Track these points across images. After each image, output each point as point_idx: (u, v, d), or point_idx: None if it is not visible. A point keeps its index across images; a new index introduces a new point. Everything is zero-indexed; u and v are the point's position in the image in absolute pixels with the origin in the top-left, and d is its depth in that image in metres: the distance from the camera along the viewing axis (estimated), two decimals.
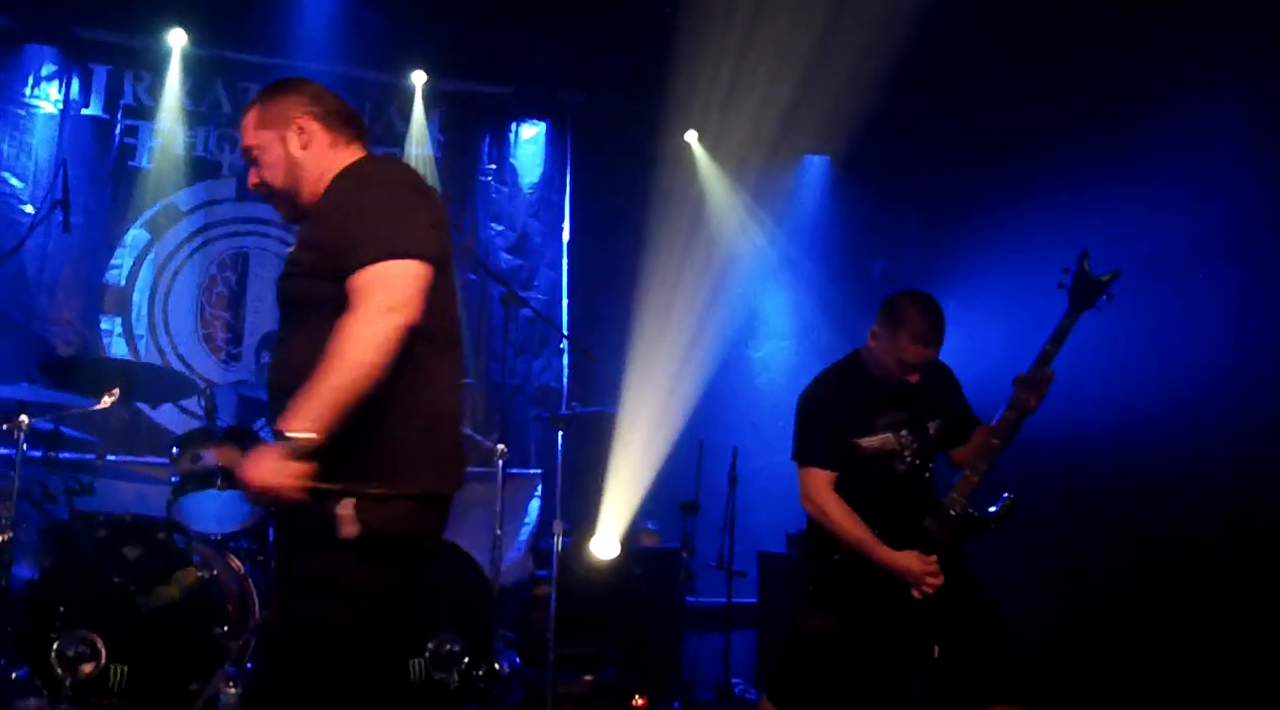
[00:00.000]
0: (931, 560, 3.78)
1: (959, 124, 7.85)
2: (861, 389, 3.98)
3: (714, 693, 6.30)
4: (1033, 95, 7.15)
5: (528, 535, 7.27)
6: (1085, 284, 3.74)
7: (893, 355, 3.85)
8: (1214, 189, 6.04)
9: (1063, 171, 6.80)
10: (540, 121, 8.19)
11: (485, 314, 7.86)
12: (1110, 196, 6.46)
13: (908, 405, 3.97)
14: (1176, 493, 6.04)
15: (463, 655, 4.99)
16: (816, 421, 3.98)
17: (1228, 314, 5.85)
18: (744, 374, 8.44)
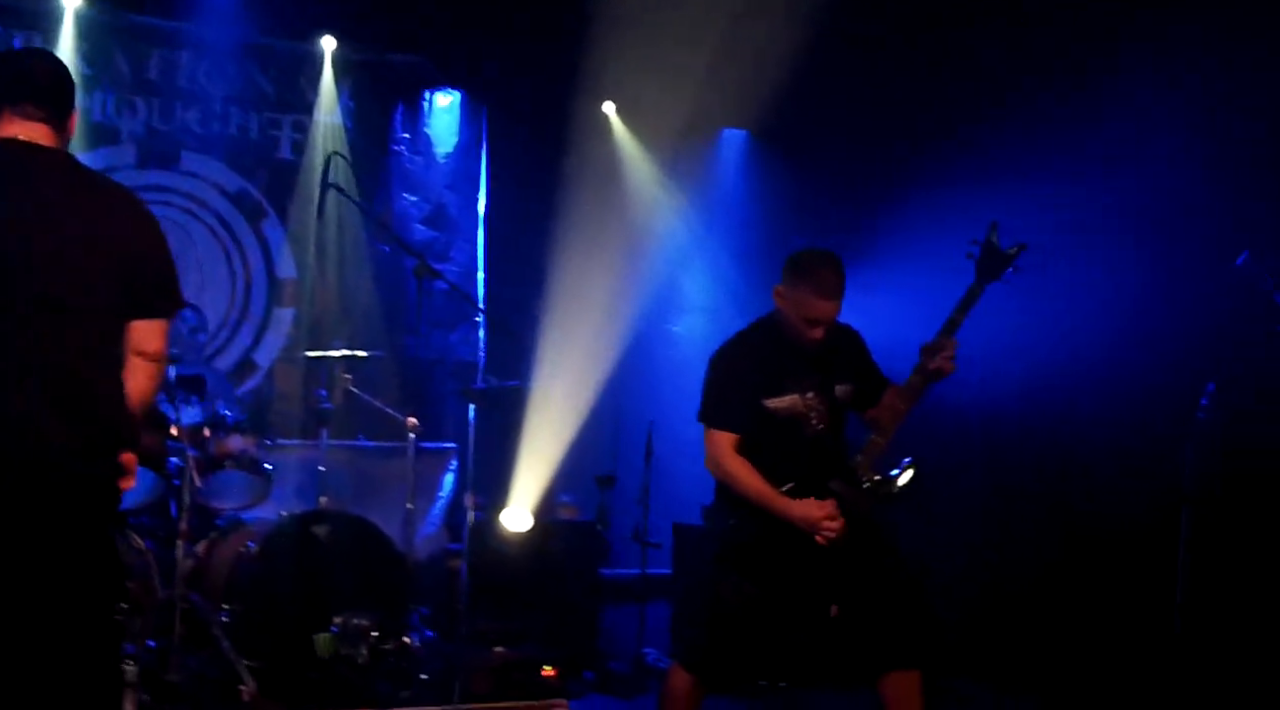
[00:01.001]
0: (829, 505, 3.79)
1: (877, 98, 7.87)
2: (772, 351, 3.99)
3: (628, 663, 6.29)
4: (950, 71, 7.21)
5: (442, 509, 7.19)
6: (992, 256, 3.79)
7: (797, 311, 3.87)
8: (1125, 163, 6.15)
9: (978, 146, 6.86)
10: (455, 91, 8.06)
11: (399, 286, 7.74)
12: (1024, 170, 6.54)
13: (817, 368, 3.98)
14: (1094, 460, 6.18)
15: (372, 630, 4.91)
16: (724, 382, 3.98)
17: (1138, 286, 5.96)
18: (661, 348, 8.42)
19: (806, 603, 3.87)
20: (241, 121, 7.45)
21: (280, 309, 7.46)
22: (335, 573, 5.02)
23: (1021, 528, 6.61)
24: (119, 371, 2.87)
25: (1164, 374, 5.71)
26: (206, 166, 7.35)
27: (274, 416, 6.96)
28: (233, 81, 7.42)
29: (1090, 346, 6.17)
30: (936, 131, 7.39)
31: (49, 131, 2.87)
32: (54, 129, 2.88)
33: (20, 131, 2.84)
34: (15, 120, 2.83)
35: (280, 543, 4.98)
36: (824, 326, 3.90)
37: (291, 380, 7.35)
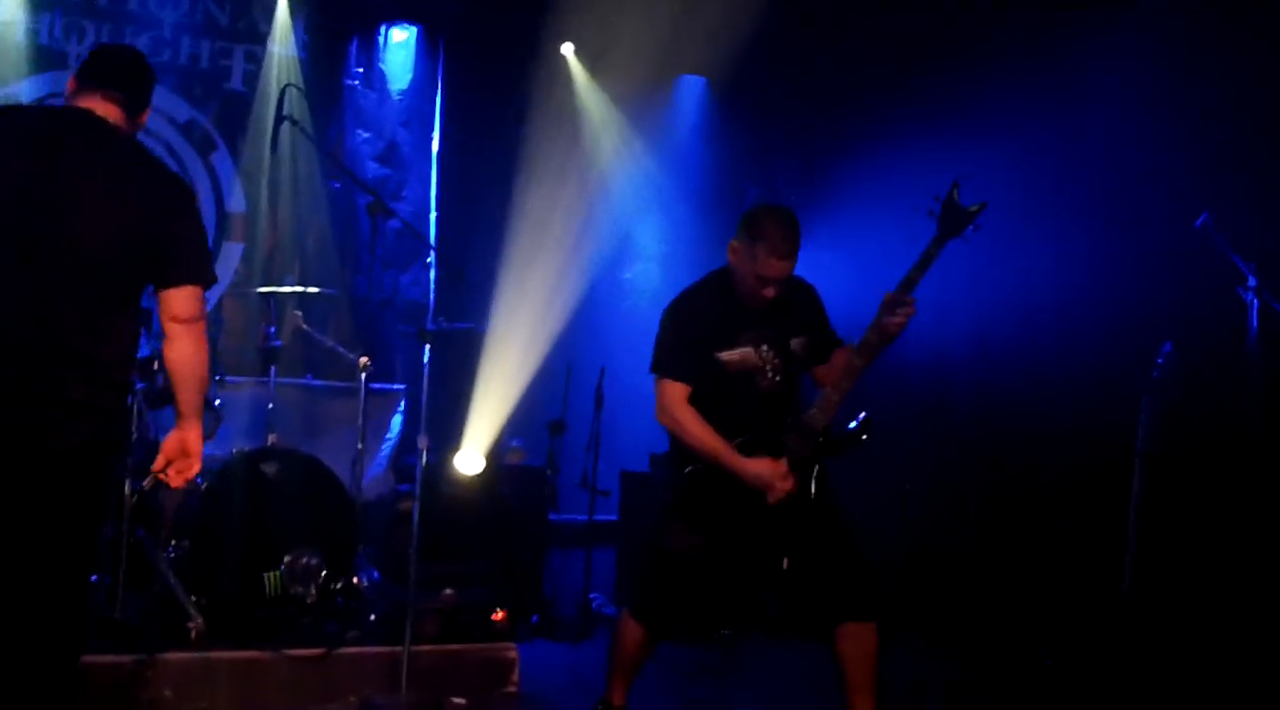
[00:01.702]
0: (782, 465, 3.82)
1: (837, 50, 7.86)
2: (725, 304, 3.98)
3: (573, 608, 6.34)
4: (913, 24, 7.20)
5: (389, 451, 7.16)
6: (953, 213, 3.76)
7: (750, 268, 3.87)
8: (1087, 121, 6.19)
9: (939, 99, 6.88)
10: (412, 26, 7.93)
11: (351, 225, 7.64)
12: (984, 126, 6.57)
13: (771, 321, 3.99)
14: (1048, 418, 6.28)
15: (321, 569, 4.89)
16: (676, 334, 3.98)
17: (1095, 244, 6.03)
18: (613, 295, 8.41)
19: (757, 555, 3.89)
20: (193, 50, 7.28)
21: (229, 243, 7.33)
22: (284, 511, 4.96)
23: (975, 484, 6.72)
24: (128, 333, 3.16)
25: (1120, 332, 5.79)
26: (155, 95, 7.07)
27: (222, 353, 6.87)
28: (185, 9, 7.24)
29: (1046, 304, 6.25)
30: (896, 84, 7.39)
31: (122, 114, 3.24)
32: (127, 114, 3.26)
33: (97, 107, 3.19)
34: (95, 97, 3.20)
35: (229, 480, 4.92)
36: (776, 285, 3.90)
37: (240, 316, 7.24)
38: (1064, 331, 6.17)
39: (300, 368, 7.00)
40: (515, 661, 4.86)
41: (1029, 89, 6.48)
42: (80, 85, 3.25)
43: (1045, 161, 6.35)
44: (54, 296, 3.00)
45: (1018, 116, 6.49)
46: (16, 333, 2.98)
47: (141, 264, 3.13)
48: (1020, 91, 6.54)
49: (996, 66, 6.62)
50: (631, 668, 4.15)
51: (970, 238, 3.79)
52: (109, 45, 3.80)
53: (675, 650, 5.25)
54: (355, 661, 4.60)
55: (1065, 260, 6.21)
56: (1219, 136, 5.63)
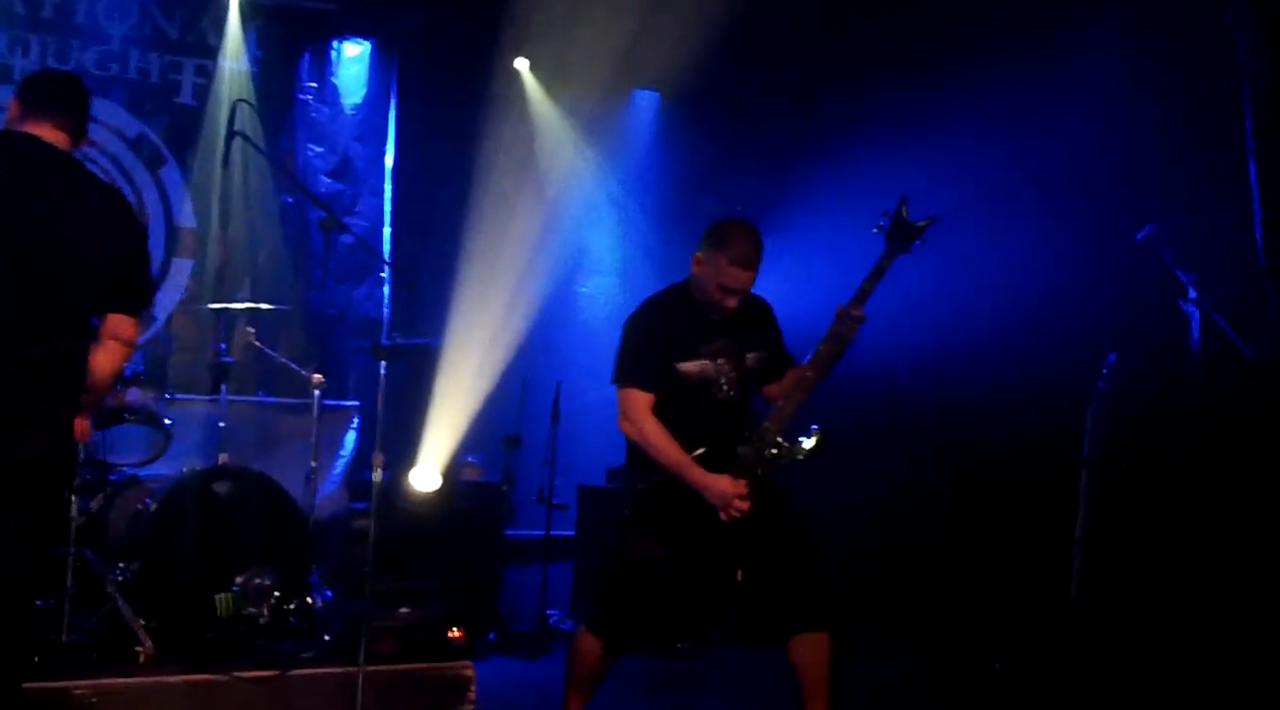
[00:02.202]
0: (742, 484, 3.84)
1: (789, 65, 7.91)
2: (685, 315, 4.02)
3: (531, 624, 6.31)
4: (863, 41, 7.27)
5: (343, 468, 7.09)
6: (902, 228, 3.85)
7: (714, 279, 3.92)
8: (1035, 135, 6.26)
9: (889, 114, 6.94)
10: (365, 41, 7.89)
11: (304, 240, 7.58)
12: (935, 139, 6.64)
13: (730, 335, 4.03)
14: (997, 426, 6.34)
15: (274, 589, 4.83)
16: (639, 343, 4.01)
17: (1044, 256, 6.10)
18: (570, 309, 8.40)
19: (713, 566, 3.91)
20: (141, 64, 7.20)
21: (179, 259, 7.25)
22: (236, 531, 4.91)
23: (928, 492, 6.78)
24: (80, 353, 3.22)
25: (1067, 343, 5.87)
26: (104, 109, 7.06)
27: (173, 370, 6.78)
28: (133, 22, 7.16)
29: (995, 315, 6.31)
30: (849, 98, 7.47)
31: (69, 140, 3.32)
32: (73, 139, 3.33)
33: (47, 133, 3.26)
34: (45, 125, 3.26)
35: (180, 499, 4.85)
36: (739, 295, 3.95)
37: (190, 333, 7.15)
38: (1013, 342, 6.25)
39: (252, 385, 6.93)
40: (472, 679, 4.81)
41: (979, 103, 6.56)
42: (27, 111, 3.30)
43: (994, 175, 6.42)
44: (11, 315, 3.07)
45: (968, 130, 6.56)
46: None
47: (96, 290, 3.22)
48: (971, 105, 6.62)
49: (947, 82, 6.70)
50: (589, 683, 4.14)
51: (918, 252, 3.87)
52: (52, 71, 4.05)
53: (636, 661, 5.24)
54: (310, 682, 4.53)
55: (1014, 272, 6.29)
56: (1164, 151, 5.72)
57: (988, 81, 6.45)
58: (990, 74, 6.44)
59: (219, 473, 5.02)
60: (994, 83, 6.43)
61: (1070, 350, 5.78)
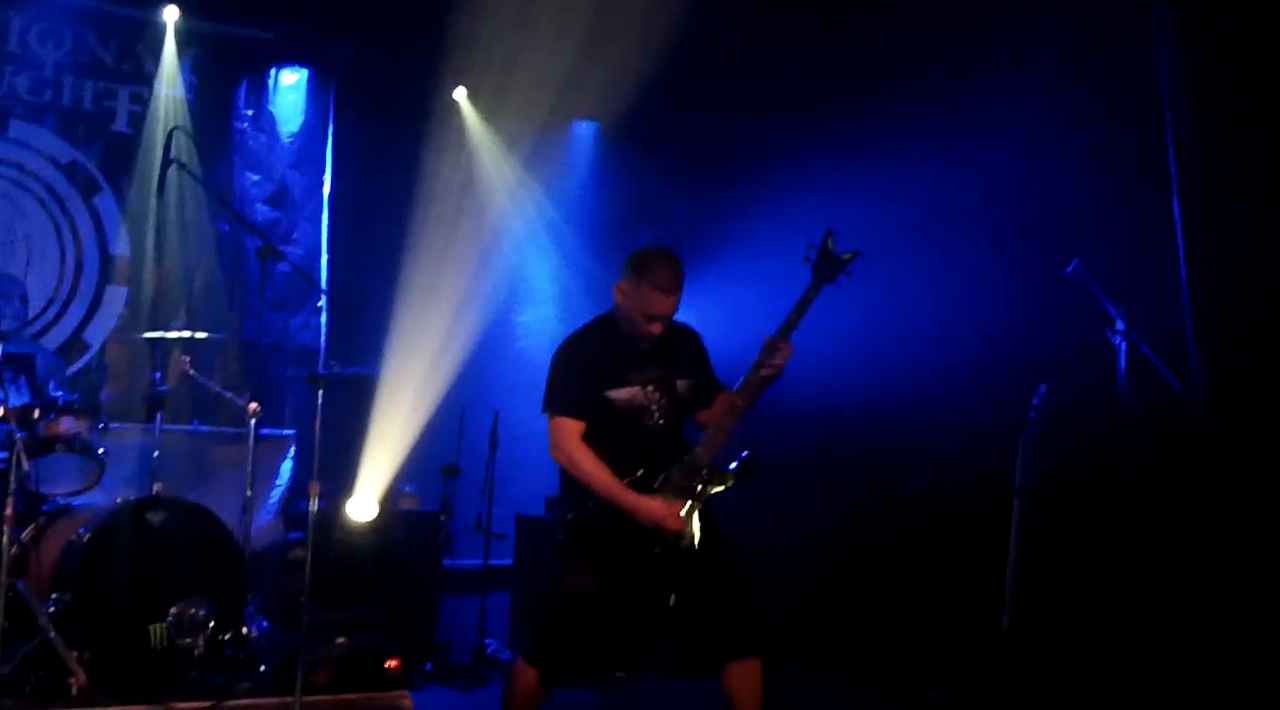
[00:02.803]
0: (676, 506, 3.90)
1: (727, 97, 8.02)
2: (613, 344, 4.08)
3: (468, 654, 6.29)
4: (798, 74, 7.39)
5: (279, 498, 7.04)
6: (828, 260, 3.96)
7: (637, 307, 3.99)
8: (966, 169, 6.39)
9: (824, 147, 7.07)
10: (303, 68, 7.87)
11: (240, 268, 7.53)
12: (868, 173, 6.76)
13: (657, 362, 4.10)
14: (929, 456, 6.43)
15: (209, 620, 4.80)
16: (568, 372, 4.05)
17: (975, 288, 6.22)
18: (507, 339, 8.41)
19: (646, 592, 3.94)
20: (76, 90, 7.14)
21: (113, 286, 7.17)
22: (171, 561, 4.89)
23: (861, 521, 6.85)
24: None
25: (998, 374, 5.98)
26: (37, 136, 7.01)
27: (106, 399, 6.71)
28: (68, 48, 7.10)
29: (928, 346, 6.42)
30: (785, 130, 7.58)
31: None
32: None
33: None
34: None
35: (113, 529, 4.81)
36: (662, 322, 4.02)
37: (124, 361, 7.08)
38: (944, 373, 6.35)
39: (187, 414, 6.87)
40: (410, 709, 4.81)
41: (908, 137, 6.68)
42: None
43: (926, 206, 6.54)
44: None
45: (898, 163, 6.69)
46: None
47: None
48: (900, 140, 6.74)
49: (877, 115, 6.83)
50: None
51: (844, 284, 4.00)
52: None
53: (572, 692, 5.24)
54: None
55: (944, 304, 6.40)
56: (1091, 184, 5.86)
57: (925, 115, 6.59)
58: (920, 108, 6.59)
59: (153, 502, 4.98)
60: (923, 116, 6.57)
61: (1001, 381, 5.88)
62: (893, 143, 6.79)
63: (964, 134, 6.42)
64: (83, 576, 4.70)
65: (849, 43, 7.04)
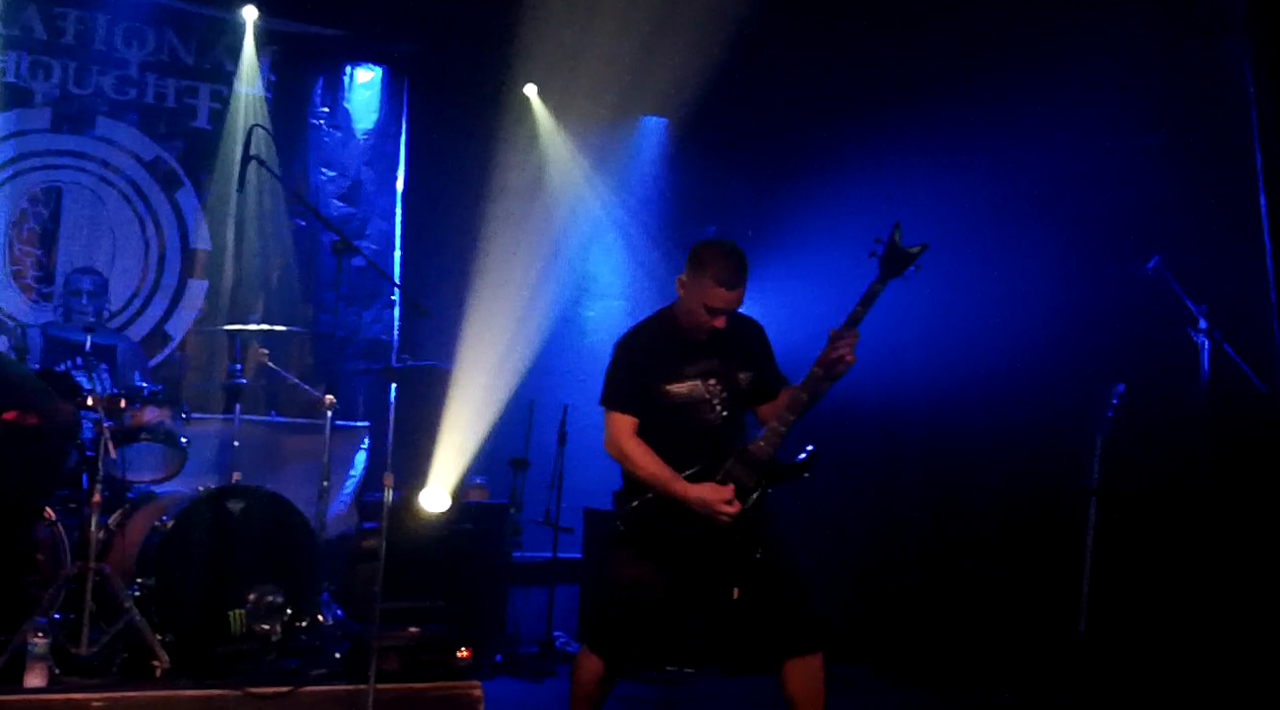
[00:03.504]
0: (726, 489, 3.87)
1: (794, 92, 8.00)
2: (673, 337, 4.06)
3: (536, 646, 6.36)
4: (867, 67, 7.35)
5: (353, 488, 7.16)
6: (895, 254, 3.89)
7: (699, 300, 3.95)
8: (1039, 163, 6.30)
9: (893, 141, 7.01)
10: (377, 67, 8.01)
11: (315, 263, 7.68)
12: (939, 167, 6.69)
13: (718, 355, 4.06)
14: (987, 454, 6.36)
15: (285, 607, 4.90)
16: (625, 367, 4.05)
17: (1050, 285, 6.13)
18: (576, 333, 8.47)
19: (707, 586, 3.93)
20: (158, 88, 7.32)
21: (194, 280, 7.35)
22: (248, 549, 4.98)
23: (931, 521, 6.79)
24: None
25: (1075, 373, 5.87)
26: (121, 133, 7.20)
27: (187, 390, 6.88)
28: (151, 48, 7.29)
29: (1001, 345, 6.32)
30: (852, 125, 7.53)
31: None
32: None
33: None
34: None
35: (194, 517, 4.92)
36: (725, 315, 3.98)
37: (203, 353, 7.26)
38: (1018, 371, 6.25)
39: (263, 405, 7.01)
40: (479, 700, 4.85)
41: (983, 130, 6.60)
42: None
43: (999, 201, 6.45)
44: None
45: (971, 156, 6.61)
46: None
47: None
48: (974, 132, 6.67)
49: (951, 107, 6.76)
50: (591, 704, 4.15)
51: (911, 277, 3.90)
52: None
53: (636, 687, 5.29)
54: (319, 699, 4.57)
55: (1020, 301, 6.30)
56: (1170, 179, 5.74)
57: (995, 109, 6.49)
58: (998, 101, 6.49)
59: (233, 491, 5.10)
60: (1001, 110, 6.47)
61: (1077, 380, 5.77)
62: (961, 135, 6.71)
63: (1043, 127, 6.32)
64: (165, 562, 4.83)
65: (916, 35, 6.97)
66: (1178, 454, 5.36)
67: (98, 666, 4.48)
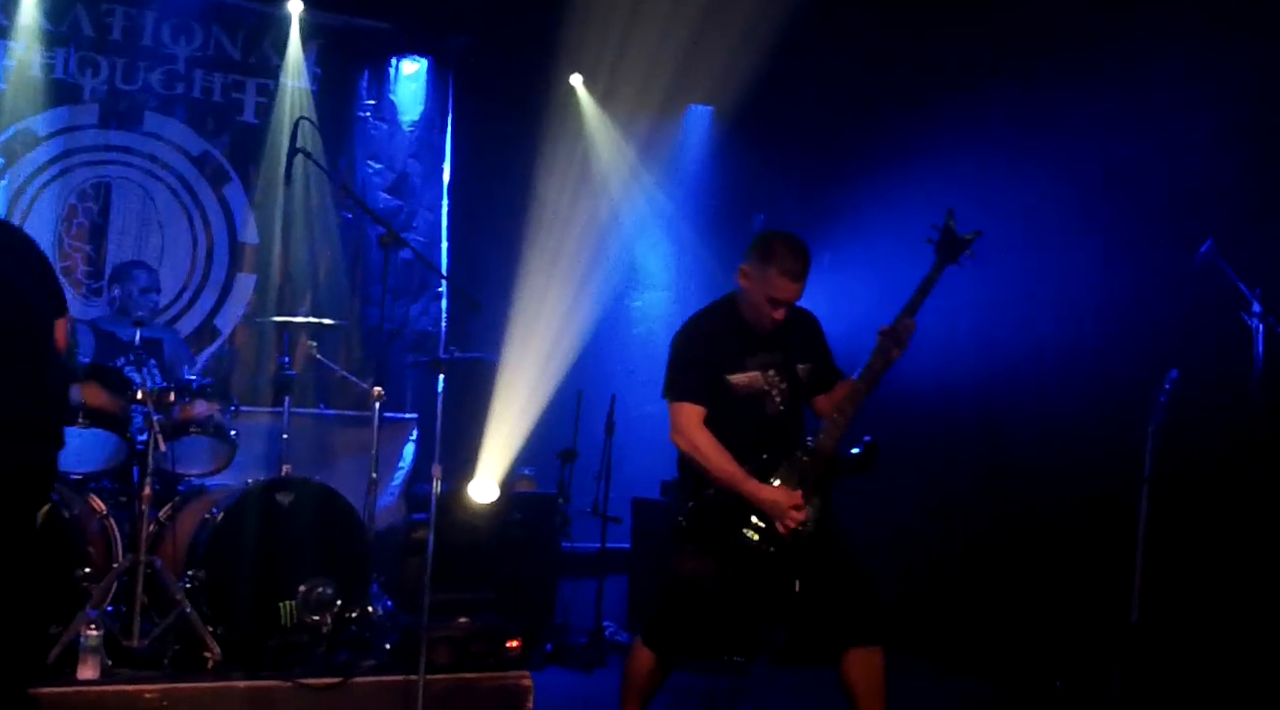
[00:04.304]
0: (796, 495, 3.86)
1: (841, 81, 7.93)
2: (733, 328, 4.04)
3: (586, 636, 6.35)
4: (916, 56, 7.27)
5: (402, 480, 7.18)
6: (950, 240, 3.90)
7: (762, 291, 3.93)
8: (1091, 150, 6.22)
9: (942, 131, 6.93)
10: (422, 58, 8.00)
11: (362, 256, 7.70)
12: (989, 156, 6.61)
13: (778, 347, 4.05)
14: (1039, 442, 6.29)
15: (336, 599, 4.91)
16: (689, 358, 4.03)
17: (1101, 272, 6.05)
18: (623, 323, 8.45)
19: (767, 579, 3.91)
20: (205, 83, 7.36)
21: (242, 274, 7.39)
22: (299, 541, 4.98)
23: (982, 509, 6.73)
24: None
25: (1126, 359, 5.81)
26: (169, 128, 7.25)
27: (236, 383, 6.91)
28: (198, 43, 7.33)
29: (1052, 332, 6.27)
30: (901, 114, 7.46)
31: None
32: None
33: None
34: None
35: (244, 510, 4.94)
36: (786, 307, 3.96)
37: (252, 346, 7.31)
38: (1070, 358, 6.19)
39: (312, 397, 7.04)
40: (530, 690, 4.86)
41: (1033, 118, 6.53)
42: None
43: (1050, 189, 6.38)
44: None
45: (1023, 144, 6.54)
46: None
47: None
48: (1025, 120, 6.59)
49: (1001, 95, 6.68)
50: (643, 695, 4.16)
51: (965, 264, 3.92)
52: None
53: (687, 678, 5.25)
54: (370, 690, 4.61)
55: (1071, 287, 6.23)
56: (1223, 163, 5.65)
57: (1047, 96, 6.42)
58: (1049, 89, 6.42)
59: (282, 483, 5.11)
60: (1053, 97, 6.40)
61: (1130, 366, 5.72)
62: (1013, 123, 6.65)
63: (1087, 114, 6.26)
64: (215, 554, 4.85)
65: (964, 24, 6.89)
66: (1231, 440, 5.29)
67: (150, 659, 4.52)
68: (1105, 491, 5.76)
